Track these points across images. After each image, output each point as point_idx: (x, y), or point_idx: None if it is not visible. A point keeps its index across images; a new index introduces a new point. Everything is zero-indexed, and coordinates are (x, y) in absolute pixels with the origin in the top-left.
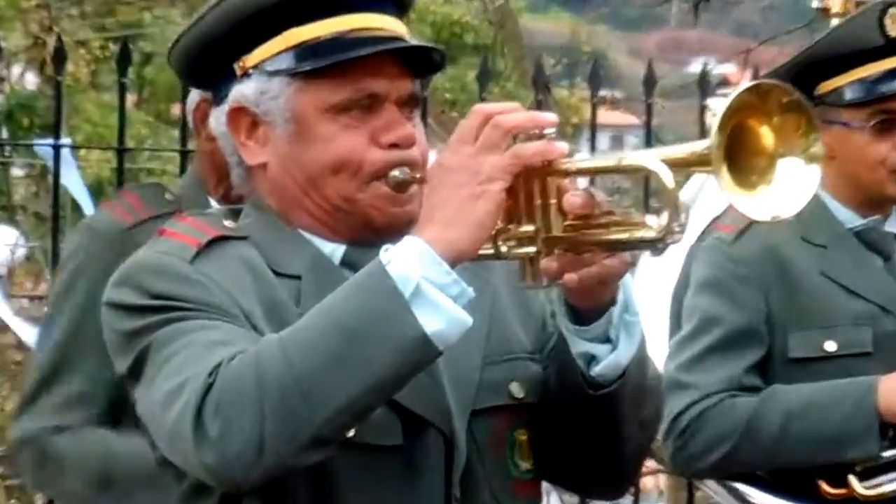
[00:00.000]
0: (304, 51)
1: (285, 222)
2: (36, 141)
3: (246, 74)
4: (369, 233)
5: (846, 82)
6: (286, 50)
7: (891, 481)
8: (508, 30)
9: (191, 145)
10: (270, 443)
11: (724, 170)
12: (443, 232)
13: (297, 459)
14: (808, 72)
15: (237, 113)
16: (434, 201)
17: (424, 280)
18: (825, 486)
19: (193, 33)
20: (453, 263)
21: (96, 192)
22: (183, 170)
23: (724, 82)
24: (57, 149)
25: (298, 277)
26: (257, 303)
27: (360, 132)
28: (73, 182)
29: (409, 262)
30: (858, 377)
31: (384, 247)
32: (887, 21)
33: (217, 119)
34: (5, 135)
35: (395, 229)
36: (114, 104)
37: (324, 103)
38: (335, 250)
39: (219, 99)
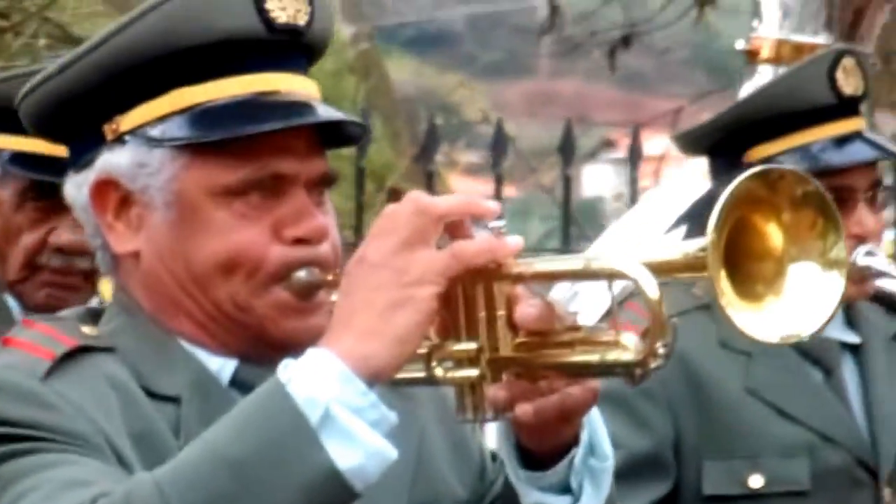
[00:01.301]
0: (196, 117)
1: (161, 329)
2: None
3: (119, 140)
4: (265, 347)
5: (784, 149)
6: (172, 114)
7: None
8: (375, 81)
9: None
10: None
11: (723, 277)
12: (358, 344)
13: None
14: (736, 134)
15: (105, 187)
16: (349, 306)
17: (336, 403)
18: None
19: (57, 83)
20: (370, 384)
21: None
22: None
23: (609, 144)
24: None
25: (177, 400)
26: (126, 431)
27: (259, 223)
28: None
29: (317, 380)
30: None
31: (284, 362)
32: (839, 75)
33: (77, 188)
34: None
35: (297, 345)
36: None
37: (216, 184)
38: (223, 367)
39: (80, 164)
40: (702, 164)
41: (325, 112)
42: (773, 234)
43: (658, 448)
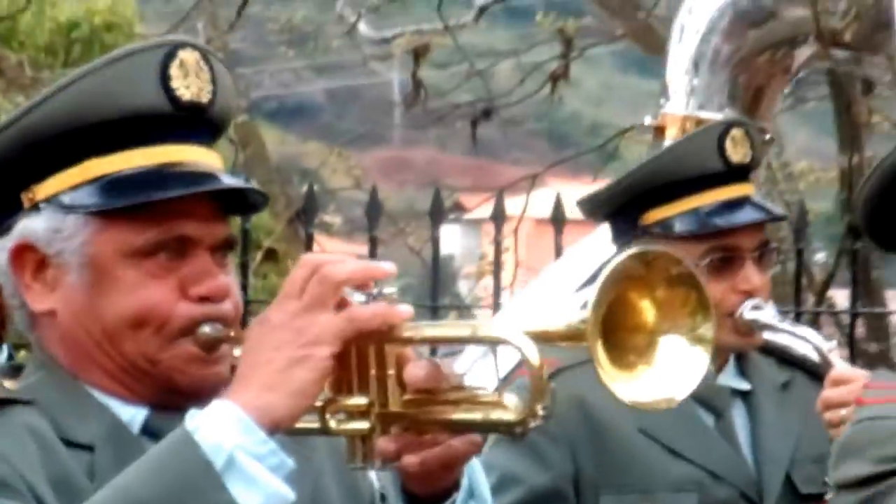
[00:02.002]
0: (106, 186)
1: (76, 381)
2: None
3: (35, 207)
4: (173, 396)
5: (677, 212)
6: (84, 183)
7: None
8: (254, 151)
9: None
10: None
11: (600, 347)
12: (259, 397)
13: None
14: (633, 199)
15: (22, 250)
16: (252, 362)
17: (239, 449)
18: None
19: None
20: (270, 433)
21: None
22: None
23: (459, 207)
24: None
25: (92, 448)
26: (44, 478)
27: (166, 281)
28: None
29: (221, 428)
30: None
31: (191, 412)
32: (728, 144)
33: None
34: None
35: (203, 393)
36: None
37: (126, 247)
38: (135, 416)
39: (1, 230)
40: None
41: (228, 181)
42: (647, 310)
43: (558, 483)
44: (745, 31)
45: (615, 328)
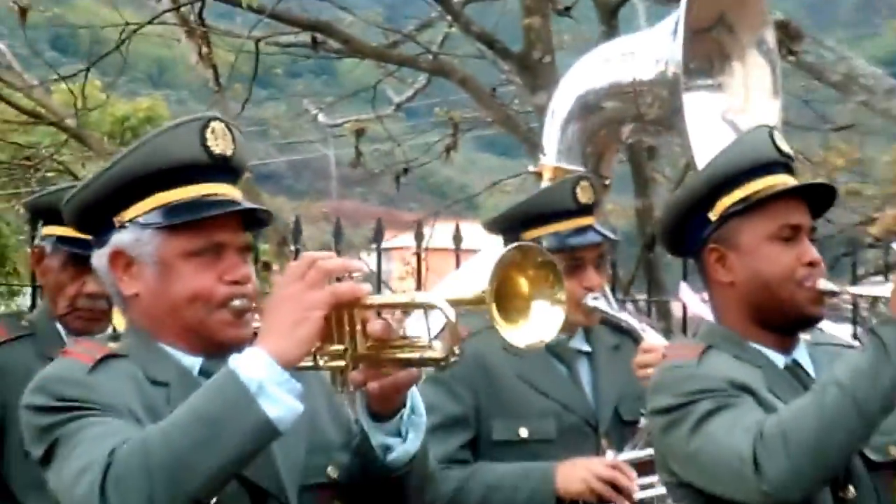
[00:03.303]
0: (168, 210)
1: (154, 341)
2: None
3: (123, 226)
4: (218, 348)
5: (545, 234)
6: (155, 209)
7: None
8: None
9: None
10: None
11: (494, 308)
12: (276, 345)
13: None
14: (515, 223)
15: (116, 255)
16: (270, 322)
17: (264, 379)
18: None
19: (82, 195)
20: (284, 368)
21: None
22: (34, 301)
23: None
24: None
25: (167, 385)
26: (139, 404)
27: (210, 272)
28: None
29: (253, 366)
30: (544, 461)
31: (231, 356)
32: (578, 190)
33: (99, 259)
34: None
35: (237, 345)
36: None
37: (183, 250)
38: (194, 363)
39: (101, 243)
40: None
41: (247, 204)
42: (523, 284)
43: (465, 411)
44: (589, 115)
45: (504, 296)
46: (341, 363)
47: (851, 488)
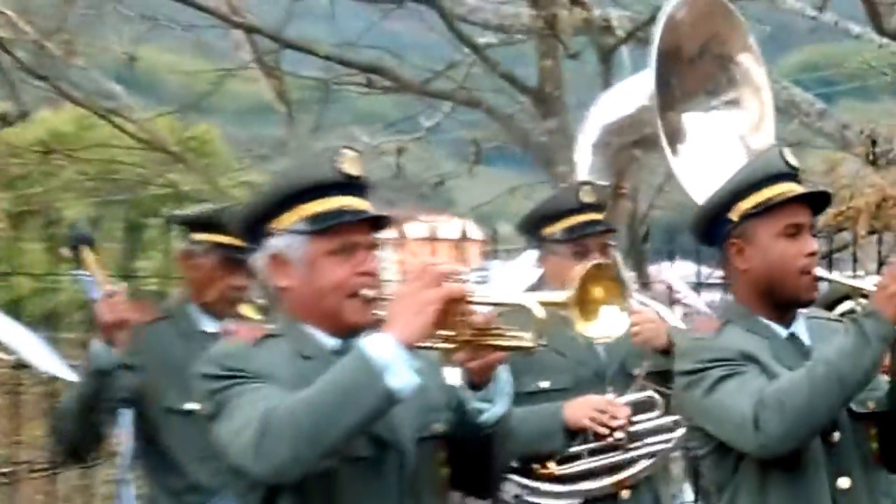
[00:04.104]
0: (312, 219)
1: (301, 323)
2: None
3: (276, 233)
4: (350, 331)
5: (558, 228)
6: (301, 219)
7: (578, 466)
8: None
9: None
10: (301, 458)
11: (576, 311)
12: (400, 331)
13: (315, 466)
14: (536, 222)
15: (272, 257)
16: (395, 312)
17: (391, 358)
18: (537, 468)
19: (245, 211)
20: (406, 349)
21: None
22: None
23: None
24: None
25: (311, 359)
26: (289, 374)
27: (346, 267)
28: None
29: (380, 346)
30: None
31: (363, 338)
32: (581, 193)
33: (259, 260)
34: None
35: (367, 328)
36: None
37: (325, 250)
38: (332, 343)
39: (259, 248)
40: None
41: (374, 213)
42: (598, 291)
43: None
44: (609, 140)
45: (582, 301)
46: (449, 346)
47: (837, 434)
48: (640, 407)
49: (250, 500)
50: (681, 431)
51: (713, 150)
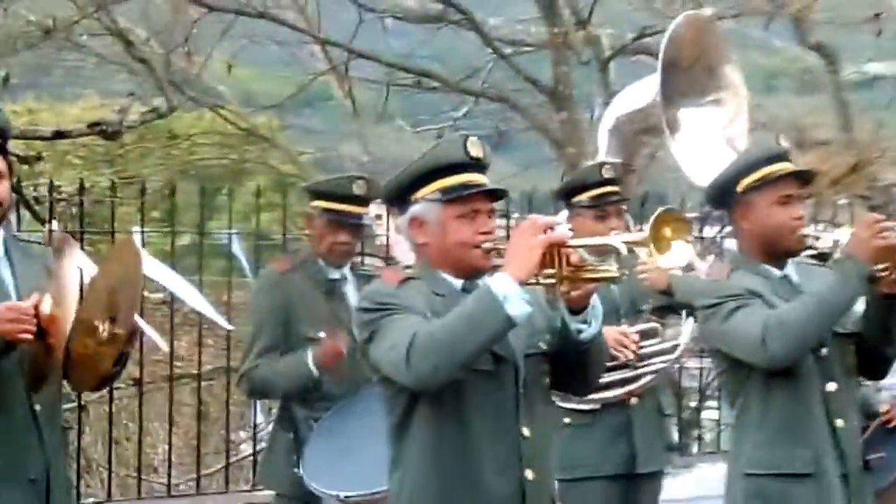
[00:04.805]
0: (446, 190)
1: (435, 269)
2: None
3: (416, 201)
4: (473, 274)
5: (585, 197)
6: (436, 190)
7: None
8: None
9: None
10: (440, 370)
11: (652, 246)
12: (514, 271)
13: (451, 376)
14: (568, 192)
15: (413, 220)
16: (509, 257)
17: (509, 292)
18: None
19: (393, 182)
20: (520, 285)
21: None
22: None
23: None
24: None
25: (444, 296)
26: (427, 307)
27: (470, 227)
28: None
29: (500, 283)
30: None
31: (485, 277)
32: (603, 169)
33: (402, 222)
34: None
35: (485, 272)
36: None
37: (454, 214)
38: (459, 283)
39: (403, 212)
40: None
41: (492, 186)
42: (666, 230)
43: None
44: (623, 127)
45: (656, 238)
46: (551, 281)
47: (825, 349)
48: (646, 334)
49: (399, 402)
50: (678, 353)
51: (701, 138)
